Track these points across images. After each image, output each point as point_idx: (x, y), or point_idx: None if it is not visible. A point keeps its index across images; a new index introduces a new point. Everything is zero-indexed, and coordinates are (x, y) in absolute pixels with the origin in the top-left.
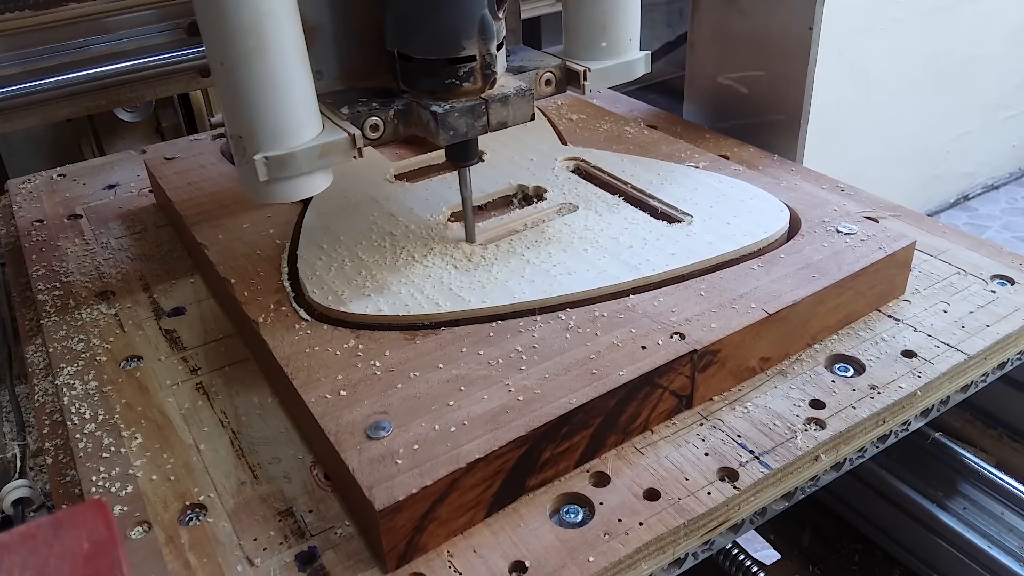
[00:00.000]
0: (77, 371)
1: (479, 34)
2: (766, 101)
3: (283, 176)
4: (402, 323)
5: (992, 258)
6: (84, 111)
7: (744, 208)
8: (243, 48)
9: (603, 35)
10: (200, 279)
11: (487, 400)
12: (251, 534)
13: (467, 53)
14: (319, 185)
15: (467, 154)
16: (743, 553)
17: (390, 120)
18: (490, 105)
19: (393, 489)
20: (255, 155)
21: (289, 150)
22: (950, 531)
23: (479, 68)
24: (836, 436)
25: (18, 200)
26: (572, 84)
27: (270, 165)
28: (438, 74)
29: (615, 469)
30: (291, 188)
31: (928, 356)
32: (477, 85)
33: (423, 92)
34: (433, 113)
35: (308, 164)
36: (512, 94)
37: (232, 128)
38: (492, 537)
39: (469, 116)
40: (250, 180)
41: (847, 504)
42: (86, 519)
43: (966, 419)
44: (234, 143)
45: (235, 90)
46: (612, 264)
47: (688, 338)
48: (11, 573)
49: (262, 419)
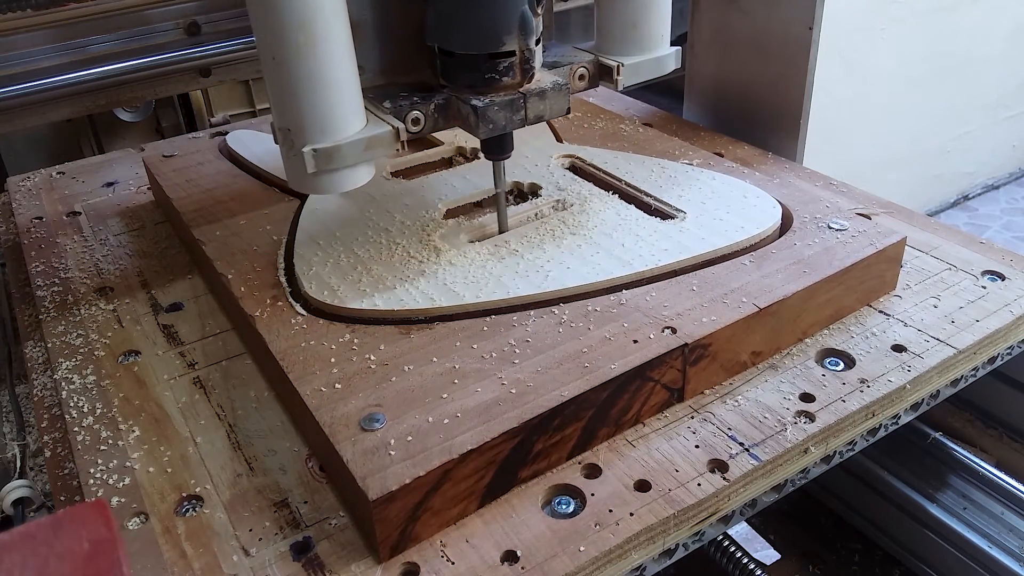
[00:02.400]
0: (75, 365)
1: (519, 30)
2: (766, 101)
3: (329, 168)
4: (397, 317)
5: (983, 254)
6: (84, 111)
7: (736, 204)
8: (294, 43)
9: (635, 31)
10: (198, 275)
11: (480, 393)
12: (246, 525)
13: (507, 48)
14: (363, 177)
15: (503, 148)
16: (743, 553)
17: (430, 114)
18: (528, 99)
19: (386, 479)
20: (303, 147)
21: (336, 143)
22: (950, 531)
23: (518, 63)
24: (825, 429)
25: (17, 198)
26: (605, 79)
27: (318, 157)
28: (478, 69)
29: (606, 461)
30: (337, 180)
31: (918, 350)
32: (516, 80)
33: (463, 86)
34: (473, 107)
35: (354, 156)
36: (549, 88)
37: (280, 121)
38: (484, 527)
39: (508, 110)
40: (297, 172)
41: (847, 504)
42: (86, 519)
43: (966, 419)
44: (282, 136)
45: (285, 84)
46: (605, 260)
47: (679, 332)
48: (11, 573)
49: (258, 412)
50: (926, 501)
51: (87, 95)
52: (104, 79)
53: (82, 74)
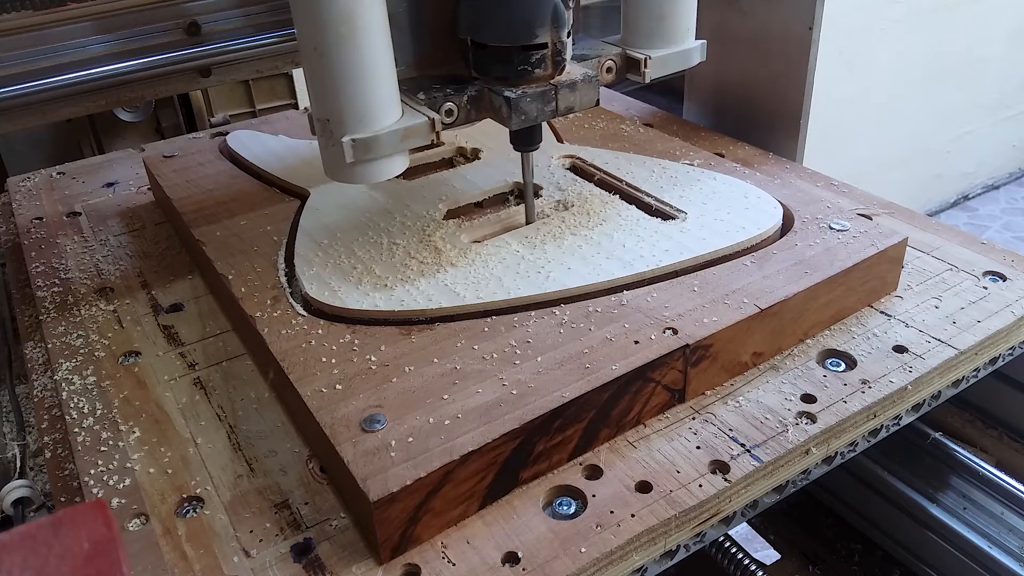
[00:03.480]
0: (76, 366)
1: (552, 22)
2: (766, 101)
3: (367, 158)
4: (397, 318)
5: (984, 254)
6: (84, 111)
7: (737, 205)
8: (336, 35)
9: (662, 24)
10: (198, 276)
11: (481, 394)
12: (247, 526)
13: (540, 41)
14: (398, 167)
15: (532, 139)
16: (743, 553)
17: (463, 106)
18: (559, 91)
19: (387, 481)
20: (342, 138)
21: (374, 133)
22: (950, 531)
23: (550, 55)
24: (827, 430)
25: (17, 198)
26: (632, 72)
27: (356, 147)
28: (511, 61)
29: (608, 462)
30: (373, 170)
31: (919, 351)
32: (547, 72)
33: (495, 79)
34: (506, 99)
35: (391, 147)
36: (579, 80)
37: (320, 112)
38: (485, 528)
39: (540, 101)
40: (335, 162)
41: (847, 504)
42: (86, 519)
43: (966, 419)
44: (320, 126)
45: (326, 75)
46: (606, 260)
47: (681, 333)
48: (11, 573)
49: (259, 413)
50: (926, 501)
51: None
52: (104, 79)
53: (82, 74)
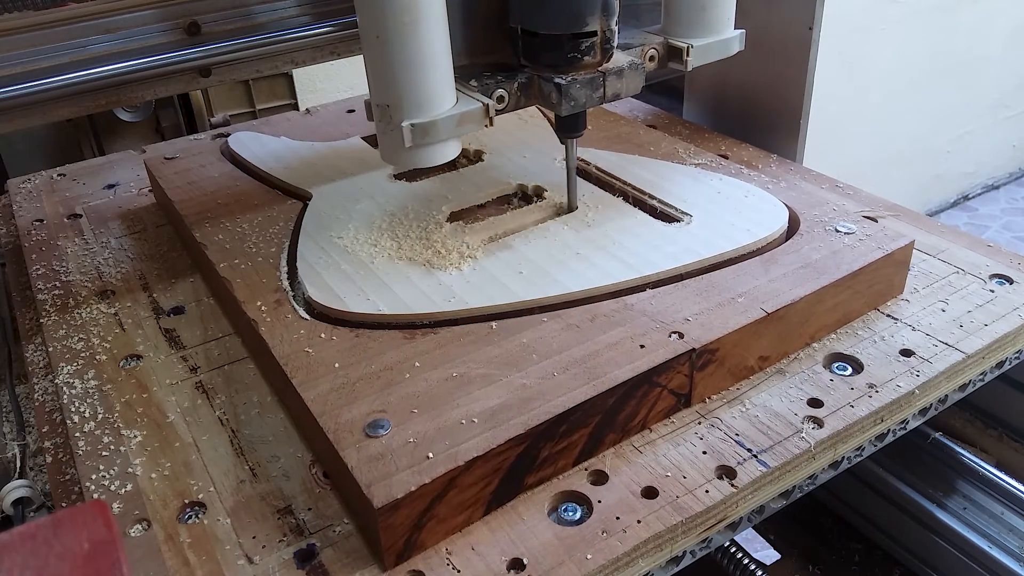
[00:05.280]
0: (77, 370)
1: (602, 10)
2: (766, 101)
3: (425, 143)
4: (401, 322)
5: (990, 257)
6: (84, 111)
7: (743, 207)
8: (399, 22)
9: (704, 13)
10: (200, 278)
11: (486, 399)
12: (250, 532)
13: (590, 28)
14: (452, 152)
15: (576, 126)
16: (743, 553)
17: (514, 92)
18: (607, 78)
19: (392, 487)
20: (402, 123)
21: (432, 118)
22: (950, 531)
23: (599, 43)
24: (834, 435)
25: (18, 200)
26: (674, 60)
27: (415, 132)
28: (561, 48)
29: (613, 467)
30: (430, 154)
31: (926, 355)
32: (596, 59)
33: (544, 66)
34: (556, 85)
35: (447, 132)
36: (626, 67)
37: (379, 98)
38: (490, 535)
39: (588, 88)
40: (393, 147)
41: (847, 504)
42: (86, 519)
43: (966, 419)
44: (379, 112)
45: (388, 62)
46: (611, 263)
47: (687, 337)
48: (11, 573)
49: (261, 418)
50: (926, 501)
51: (87, 95)
52: (104, 79)
53: (82, 74)
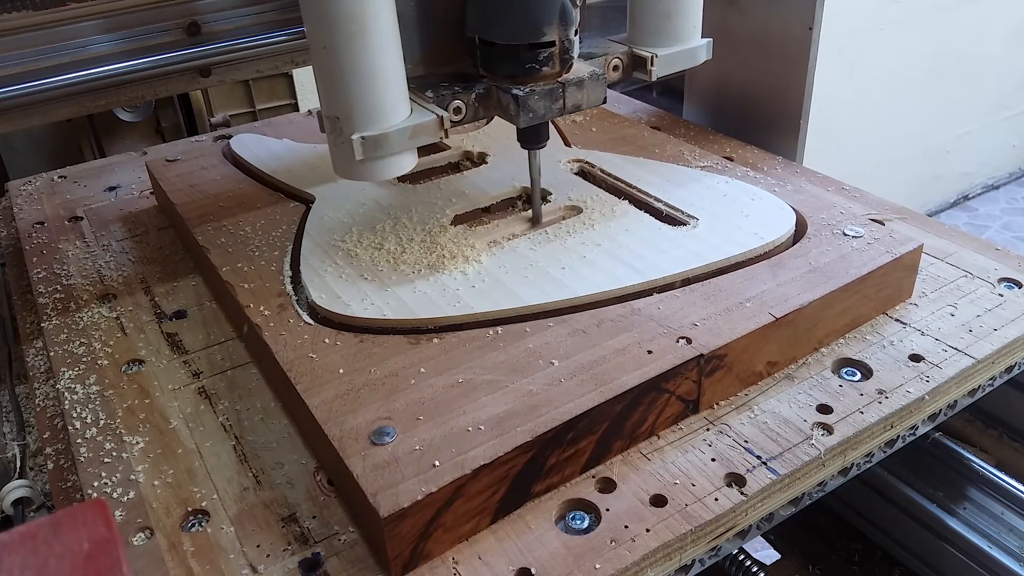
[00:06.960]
0: (78, 375)
1: (559, 20)
2: (766, 101)
3: (377, 156)
4: (406, 327)
5: (999, 261)
6: (84, 111)
7: (750, 211)
8: (346, 33)
9: (669, 22)
10: (202, 282)
11: (492, 405)
12: (254, 540)
13: (548, 39)
14: (407, 165)
15: (539, 137)
16: (743, 553)
17: (471, 103)
18: (567, 89)
19: (398, 496)
20: (352, 135)
21: (383, 131)
22: (950, 531)
23: (558, 53)
24: (844, 441)
25: (19, 202)
26: (639, 70)
27: (366, 145)
28: (519, 59)
29: (621, 475)
30: (383, 167)
31: (936, 360)
32: (555, 70)
33: (502, 76)
34: (514, 96)
35: (400, 144)
36: (587, 78)
37: (329, 110)
38: (497, 544)
39: (547, 99)
40: (345, 160)
41: (847, 504)
42: (86, 519)
43: (966, 419)
44: (330, 124)
45: (336, 73)
46: (617, 268)
47: (694, 342)
48: (11, 573)
49: (265, 424)
50: (927, 501)
51: (87, 95)
52: (104, 79)
53: (82, 74)
